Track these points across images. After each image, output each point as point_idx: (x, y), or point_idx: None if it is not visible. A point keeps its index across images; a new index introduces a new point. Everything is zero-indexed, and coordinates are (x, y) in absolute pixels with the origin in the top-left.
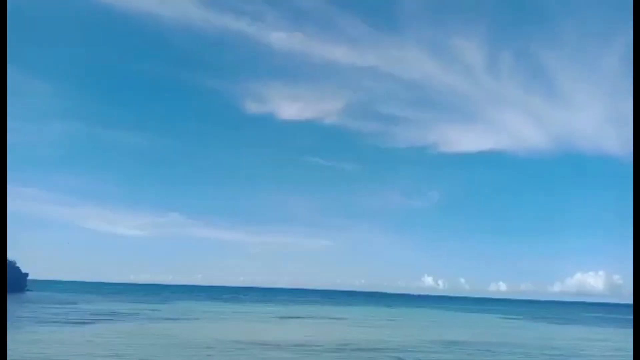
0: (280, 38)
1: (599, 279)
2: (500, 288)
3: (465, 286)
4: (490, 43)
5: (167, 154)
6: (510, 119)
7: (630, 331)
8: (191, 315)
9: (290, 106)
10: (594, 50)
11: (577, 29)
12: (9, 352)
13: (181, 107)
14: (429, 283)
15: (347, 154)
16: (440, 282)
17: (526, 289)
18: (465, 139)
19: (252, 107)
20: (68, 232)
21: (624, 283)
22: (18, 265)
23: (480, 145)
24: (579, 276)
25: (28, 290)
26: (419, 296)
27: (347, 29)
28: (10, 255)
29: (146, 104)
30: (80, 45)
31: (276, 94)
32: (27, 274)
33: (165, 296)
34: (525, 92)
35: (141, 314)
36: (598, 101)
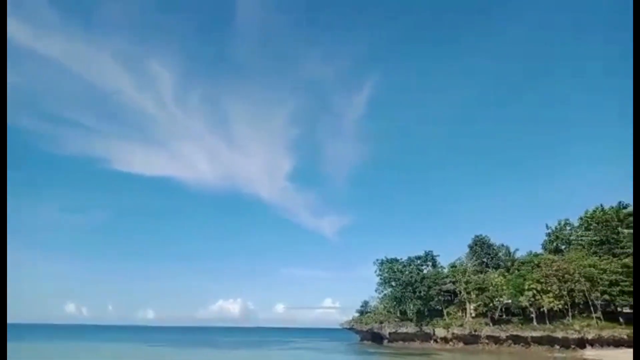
0: None
1: (237, 305)
2: (148, 315)
3: (112, 314)
4: (183, 77)
5: None
6: (189, 151)
7: (247, 353)
8: None
9: None
10: (268, 110)
11: (261, 91)
12: None
13: None
14: (71, 311)
15: None
16: (84, 309)
17: (175, 315)
18: (142, 161)
19: None
20: None
21: (255, 309)
22: None
23: (156, 170)
24: (220, 303)
25: None
26: (56, 326)
27: (29, 5)
28: None
29: None
30: None
31: None
32: None
33: None
34: (207, 131)
35: None
36: (262, 154)
